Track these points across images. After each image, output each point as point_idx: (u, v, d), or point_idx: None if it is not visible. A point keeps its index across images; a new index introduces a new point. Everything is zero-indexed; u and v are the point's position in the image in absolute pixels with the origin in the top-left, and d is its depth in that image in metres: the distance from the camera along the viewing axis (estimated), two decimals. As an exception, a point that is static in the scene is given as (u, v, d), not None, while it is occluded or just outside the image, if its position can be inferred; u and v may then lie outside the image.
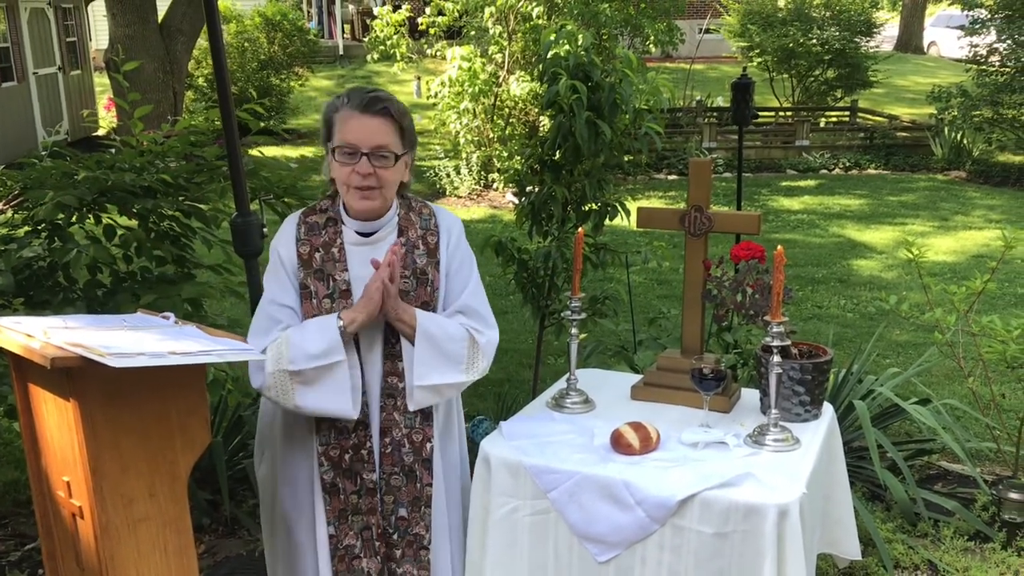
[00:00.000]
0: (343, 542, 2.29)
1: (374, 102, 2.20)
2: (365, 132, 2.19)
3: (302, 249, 2.27)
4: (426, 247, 2.32)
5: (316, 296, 2.25)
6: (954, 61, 19.54)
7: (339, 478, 2.27)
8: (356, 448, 2.26)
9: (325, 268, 2.26)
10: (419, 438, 2.29)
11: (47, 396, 1.96)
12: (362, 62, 17.97)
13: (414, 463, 2.28)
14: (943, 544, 3.43)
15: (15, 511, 3.80)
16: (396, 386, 2.26)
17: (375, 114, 2.20)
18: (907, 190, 11.29)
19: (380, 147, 2.19)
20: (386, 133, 2.20)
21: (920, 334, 5.88)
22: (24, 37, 12.95)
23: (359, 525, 2.29)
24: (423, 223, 2.34)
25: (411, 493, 2.29)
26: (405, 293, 2.26)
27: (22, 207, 3.28)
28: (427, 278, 2.30)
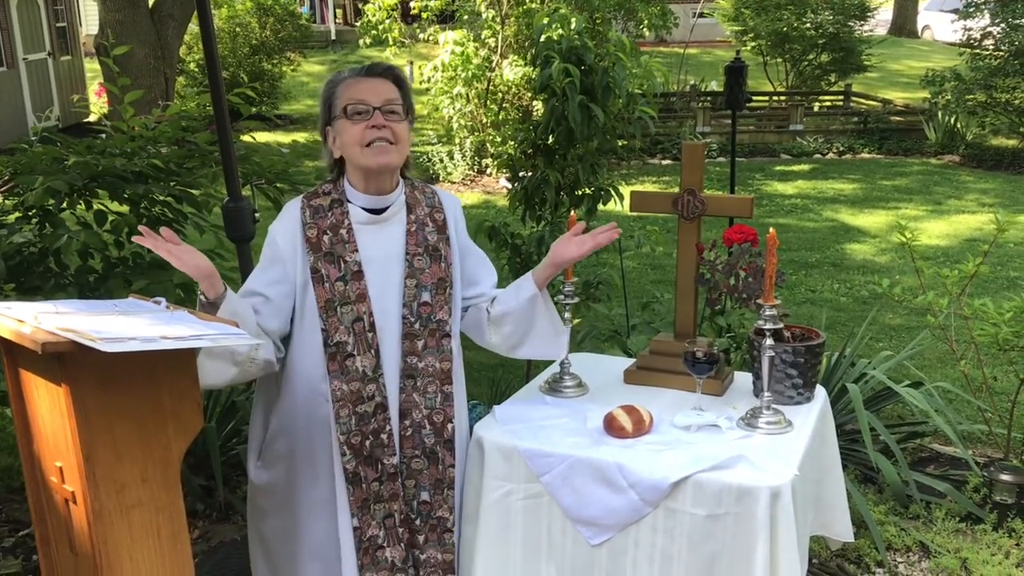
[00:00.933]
0: (367, 533, 2.25)
1: (377, 65, 2.26)
2: (373, 90, 2.21)
3: (309, 233, 2.24)
4: (435, 224, 2.32)
5: (328, 279, 2.22)
6: (948, 45, 19.52)
7: (361, 466, 2.22)
8: (376, 433, 2.22)
9: (335, 250, 2.23)
10: (440, 419, 2.26)
11: (39, 382, 1.95)
12: (354, 47, 17.89)
13: (435, 444, 2.26)
14: (935, 526, 3.45)
15: (8, 497, 3.80)
16: (416, 366, 2.25)
17: (380, 75, 2.24)
18: (901, 174, 11.30)
19: (389, 101, 2.21)
20: (392, 91, 2.24)
21: (913, 317, 5.90)
22: (14, 22, 12.86)
23: (381, 513, 2.25)
24: (428, 201, 2.35)
25: (433, 476, 2.27)
26: (420, 271, 2.26)
27: (12, 193, 3.27)
28: (440, 254, 2.30)
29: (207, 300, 2.12)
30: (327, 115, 2.27)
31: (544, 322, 2.38)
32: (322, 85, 2.31)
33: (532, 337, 2.40)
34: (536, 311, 2.35)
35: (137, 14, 10.07)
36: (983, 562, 3.21)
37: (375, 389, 2.22)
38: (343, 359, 2.21)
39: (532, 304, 2.33)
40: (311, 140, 13.80)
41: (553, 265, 2.34)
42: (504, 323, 2.37)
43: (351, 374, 2.21)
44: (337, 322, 2.20)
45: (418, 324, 2.25)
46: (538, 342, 2.41)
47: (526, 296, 2.33)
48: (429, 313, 2.26)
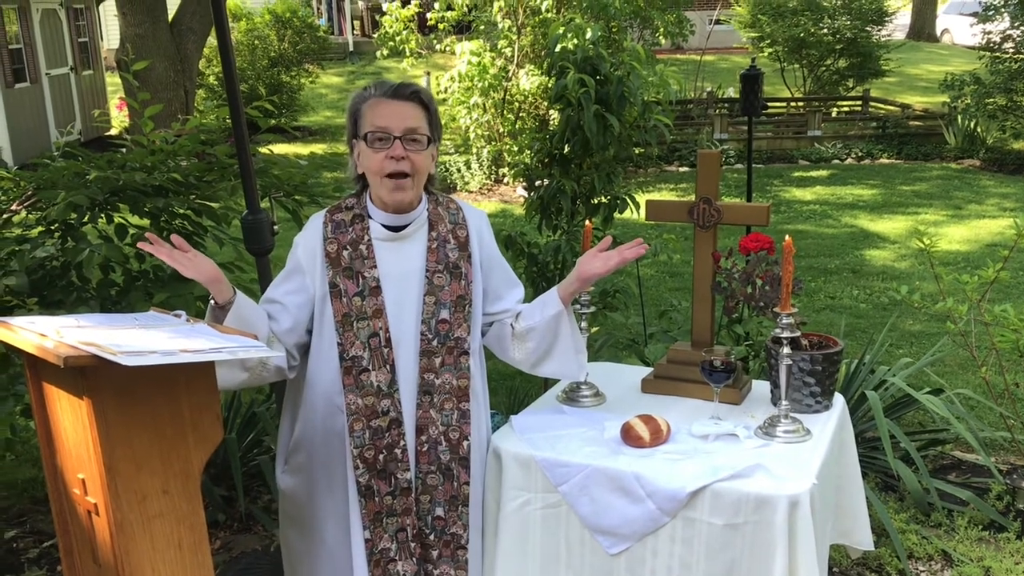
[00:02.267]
0: (378, 546, 2.26)
1: (403, 87, 2.23)
2: (396, 115, 2.19)
3: (330, 247, 2.26)
4: (457, 241, 2.31)
5: (346, 294, 2.24)
6: (967, 48, 19.41)
7: (374, 479, 2.24)
8: (390, 448, 2.24)
9: (354, 265, 2.25)
10: (456, 436, 2.27)
11: (61, 395, 1.98)
12: (372, 58, 18.00)
13: (451, 461, 2.26)
14: (957, 534, 3.43)
15: (33, 508, 3.84)
16: (433, 383, 2.25)
17: (405, 99, 2.21)
18: (920, 179, 11.23)
19: (412, 130, 2.20)
20: (417, 117, 2.21)
21: (933, 324, 5.86)
22: (36, 38, 13.03)
23: (394, 527, 2.26)
24: (451, 217, 2.34)
25: (448, 492, 2.27)
26: (440, 288, 2.27)
27: (35, 207, 3.31)
28: (460, 271, 2.30)
29: (217, 305, 2.16)
30: (352, 130, 2.28)
31: (567, 340, 2.36)
32: (350, 97, 2.31)
33: (555, 354, 2.38)
34: (560, 329, 2.34)
35: (157, 28, 10.19)
36: (1007, 571, 3.18)
37: (390, 404, 2.23)
38: (358, 373, 2.23)
39: (557, 321, 2.32)
40: (329, 152, 13.91)
41: (580, 280, 2.32)
42: (528, 339, 2.36)
43: (365, 388, 2.22)
44: (353, 337, 2.22)
45: (436, 341, 2.26)
46: (560, 359, 2.39)
47: (551, 313, 2.32)
48: (447, 330, 2.26)
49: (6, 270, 2.99)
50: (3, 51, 11.98)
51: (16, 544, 3.57)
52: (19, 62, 12.53)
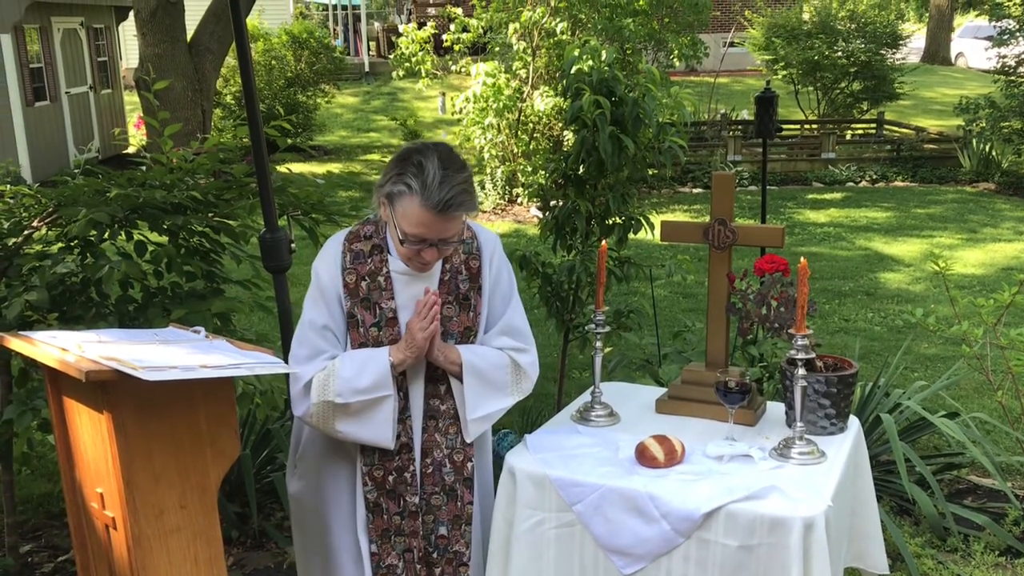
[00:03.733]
0: (385, 561, 2.31)
1: (450, 205, 2.13)
2: (436, 229, 2.17)
3: (348, 278, 2.28)
4: (468, 272, 2.33)
5: (363, 325, 2.27)
6: (982, 72, 19.40)
7: (383, 498, 2.30)
8: (400, 471, 2.29)
9: (372, 297, 2.27)
10: (460, 458, 2.32)
11: (81, 409, 2.00)
12: (387, 79, 18.12)
13: (455, 483, 2.32)
14: (973, 559, 3.40)
15: (48, 523, 3.86)
16: (438, 408, 2.30)
17: (451, 215, 2.16)
18: (935, 202, 11.20)
19: (448, 238, 2.20)
20: (456, 226, 2.21)
21: (948, 347, 5.83)
22: (57, 57, 13.19)
23: (401, 547, 2.31)
24: (465, 248, 2.34)
25: (452, 512, 2.32)
26: (448, 319, 2.30)
27: (56, 224, 3.35)
28: (469, 303, 2.33)
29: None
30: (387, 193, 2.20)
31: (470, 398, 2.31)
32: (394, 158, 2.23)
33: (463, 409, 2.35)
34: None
35: (176, 48, 10.29)
36: (1023, 597, 3.15)
37: (401, 429, 2.28)
38: None
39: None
40: (345, 171, 13.96)
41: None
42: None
43: None
44: None
45: (440, 370, 2.30)
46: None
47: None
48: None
49: (27, 285, 3.03)
50: (24, 70, 12.13)
51: (31, 558, 3.58)
52: (39, 81, 12.68)
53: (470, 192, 2.19)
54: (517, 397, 2.38)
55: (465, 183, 2.18)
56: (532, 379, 2.41)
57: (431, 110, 17.31)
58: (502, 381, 2.33)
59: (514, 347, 2.37)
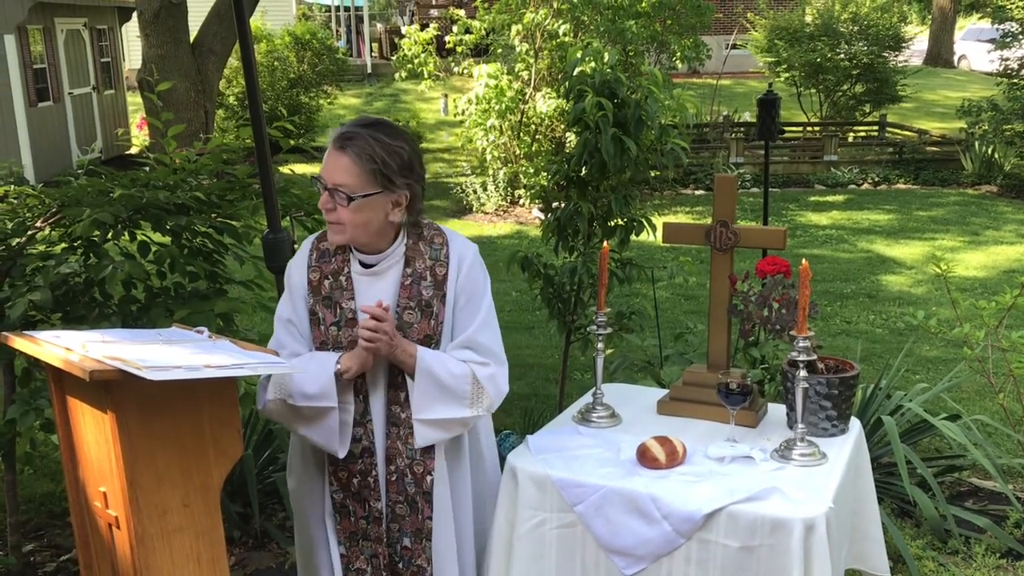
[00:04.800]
0: (354, 564, 2.32)
1: (341, 138, 2.17)
2: (329, 167, 2.18)
3: (312, 276, 2.30)
4: (433, 279, 2.27)
5: (324, 323, 2.27)
6: (985, 75, 19.39)
7: (349, 500, 2.29)
8: (363, 474, 2.27)
9: (333, 296, 2.27)
10: (420, 470, 2.26)
11: (85, 408, 2.01)
12: (390, 80, 18.14)
13: (415, 494, 2.27)
14: (974, 561, 3.40)
15: (50, 522, 3.87)
16: (399, 416, 2.26)
17: (341, 151, 2.16)
18: (937, 205, 11.20)
19: (338, 185, 2.16)
20: (347, 172, 2.16)
21: (950, 350, 5.83)
22: (60, 58, 13.22)
23: (368, 552, 2.31)
24: (433, 253, 2.29)
25: (414, 524, 2.28)
26: (408, 325, 2.24)
27: (59, 224, 3.36)
28: (432, 311, 2.26)
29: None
30: None
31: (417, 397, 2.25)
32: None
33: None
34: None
35: (179, 49, 10.31)
36: (1024, 599, 3.16)
37: (362, 432, 2.26)
38: None
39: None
40: (347, 172, 13.97)
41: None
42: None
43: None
44: None
45: (401, 377, 2.25)
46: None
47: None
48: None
49: (31, 286, 3.04)
50: (27, 71, 12.16)
51: (33, 558, 3.59)
52: (43, 81, 12.71)
53: (377, 147, 2.15)
54: (477, 411, 2.26)
55: (376, 138, 2.15)
56: (491, 395, 2.28)
57: (433, 111, 17.32)
58: (460, 390, 2.23)
59: (474, 361, 2.27)
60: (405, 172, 2.20)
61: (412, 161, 2.22)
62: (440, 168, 13.87)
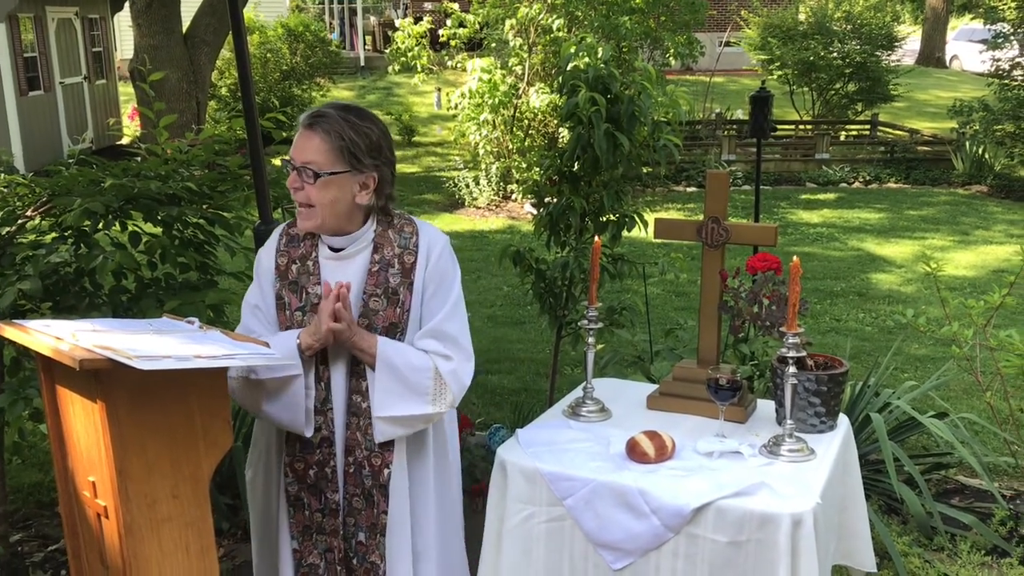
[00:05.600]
0: (307, 559, 2.29)
1: (310, 116, 2.19)
2: (298, 146, 2.19)
3: (280, 260, 2.30)
4: (401, 266, 2.26)
5: (289, 308, 2.27)
6: (976, 75, 19.46)
7: (304, 493, 2.27)
8: (320, 465, 2.25)
9: (299, 281, 2.27)
10: (378, 462, 2.24)
11: (74, 398, 2.00)
12: (383, 73, 18.11)
13: (372, 488, 2.24)
14: (960, 558, 3.42)
15: (38, 512, 3.86)
16: (360, 406, 2.23)
17: (310, 129, 2.18)
18: (927, 204, 11.25)
19: (306, 163, 2.17)
20: (315, 150, 2.16)
21: (939, 348, 5.86)
22: (51, 47, 13.15)
23: (322, 546, 2.28)
24: (402, 241, 2.28)
25: (369, 518, 2.26)
26: (374, 312, 2.23)
27: (49, 214, 3.34)
28: (398, 298, 2.25)
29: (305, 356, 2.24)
30: None
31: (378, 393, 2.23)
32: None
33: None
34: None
35: (171, 40, 10.27)
36: (1009, 596, 3.18)
37: (322, 421, 2.24)
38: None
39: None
40: (339, 164, 13.96)
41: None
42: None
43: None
44: None
45: (363, 366, 2.23)
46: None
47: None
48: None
49: (20, 274, 3.02)
50: (18, 59, 12.09)
51: (21, 548, 3.58)
52: (33, 70, 12.64)
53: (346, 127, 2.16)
54: (439, 408, 2.23)
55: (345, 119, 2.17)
56: (454, 391, 2.25)
57: (427, 105, 17.30)
58: (422, 386, 2.21)
59: (438, 352, 2.25)
60: (373, 153, 2.21)
61: (381, 143, 2.23)
62: (433, 162, 13.87)
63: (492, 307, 7.06)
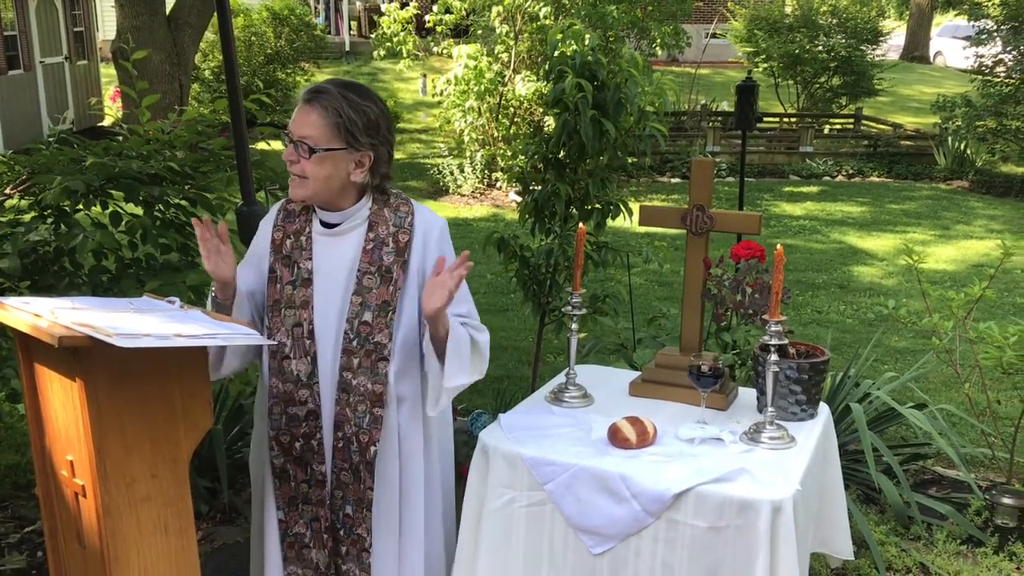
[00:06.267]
0: (292, 529, 2.32)
1: (311, 92, 2.20)
2: (297, 120, 2.20)
3: (276, 235, 2.33)
4: (395, 245, 2.27)
5: (280, 281, 2.29)
6: (960, 71, 19.57)
7: (289, 464, 2.29)
8: (307, 438, 2.27)
9: (292, 255, 2.29)
10: (365, 439, 2.25)
11: (53, 376, 1.99)
12: (368, 59, 18.00)
13: (359, 463, 2.26)
14: (936, 547, 3.46)
15: (14, 494, 3.83)
16: (349, 382, 2.24)
17: (309, 104, 2.19)
18: (909, 198, 11.32)
19: (303, 137, 2.18)
20: (312, 125, 2.18)
21: (919, 340, 5.90)
22: (32, 26, 12.98)
23: (308, 515, 2.30)
24: (397, 220, 2.29)
25: (356, 493, 2.27)
26: (367, 290, 2.24)
27: (29, 193, 3.31)
28: (391, 276, 2.25)
29: (217, 300, 2.28)
30: None
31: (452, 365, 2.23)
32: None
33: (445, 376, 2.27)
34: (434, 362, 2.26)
35: (154, 21, 10.16)
36: (983, 585, 3.21)
37: (308, 395, 2.26)
38: (281, 359, 2.27)
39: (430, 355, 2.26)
40: (323, 150, 13.91)
41: (428, 319, 2.21)
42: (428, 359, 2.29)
43: (286, 375, 2.27)
44: (280, 323, 2.27)
45: (356, 342, 2.24)
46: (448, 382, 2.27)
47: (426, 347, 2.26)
48: (368, 333, 2.24)
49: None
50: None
51: (-3, 529, 3.56)
52: (13, 49, 12.48)
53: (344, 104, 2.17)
54: (475, 377, 2.29)
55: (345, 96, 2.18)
56: (486, 361, 2.32)
57: (412, 91, 17.23)
58: (467, 357, 2.25)
59: (471, 326, 2.29)
60: (370, 132, 2.21)
61: (379, 122, 2.23)
62: (417, 149, 13.82)
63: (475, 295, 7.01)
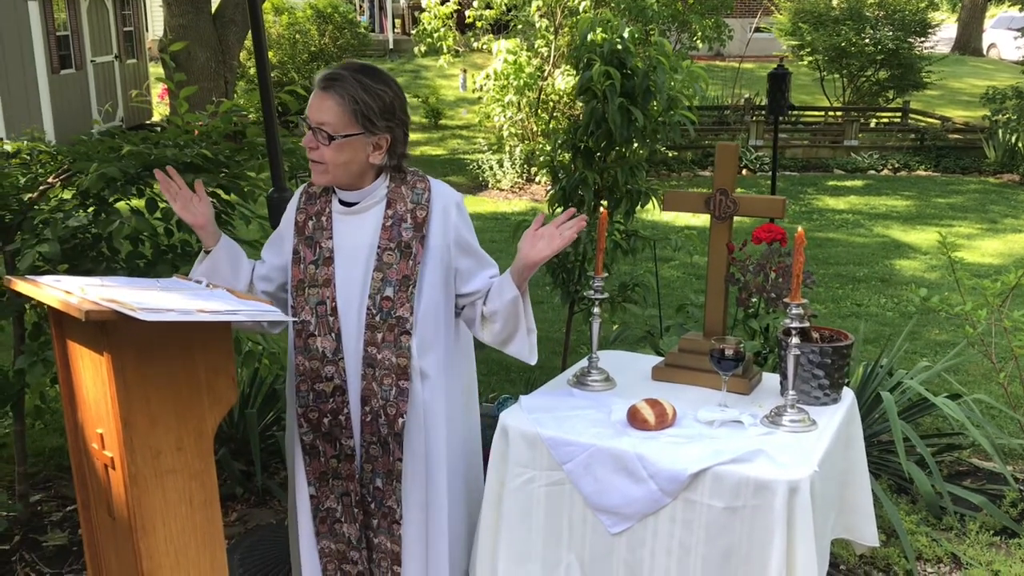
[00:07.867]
0: (324, 504, 2.37)
1: (326, 79, 2.23)
2: (314, 107, 2.24)
3: (299, 217, 2.39)
4: (414, 221, 2.31)
5: (303, 261, 2.35)
6: (1014, 64, 19.14)
7: (318, 440, 2.34)
8: (334, 413, 2.32)
9: (314, 235, 2.35)
10: (393, 412, 2.29)
11: (83, 351, 2.05)
12: (411, 56, 18.13)
13: (388, 436, 2.30)
14: (968, 538, 3.41)
15: (59, 475, 3.95)
16: (374, 357, 2.28)
17: (325, 91, 2.22)
18: (956, 192, 11.11)
19: (320, 124, 2.22)
20: (330, 111, 2.21)
21: (959, 333, 5.81)
22: (84, 26, 13.29)
23: (339, 490, 2.36)
24: (415, 197, 2.33)
25: (386, 465, 2.32)
26: (388, 266, 2.29)
27: (71, 182, 3.40)
28: (411, 251, 2.30)
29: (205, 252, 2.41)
30: None
31: (523, 323, 2.35)
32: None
33: (516, 336, 2.37)
34: (519, 312, 2.33)
35: (200, 19, 10.36)
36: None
37: (334, 371, 2.31)
38: (306, 337, 2.33)
39: (515, 305, 2.32)
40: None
41: (528, 266, 2.28)
42: (494, 321, 2.36)
43: (312, 352, 2.32)
44: (304, 302, 2.33)
45: (379, 317, 2.29)
46: (519, 341, 2.38)
47: (509, 297, 2.31)
48: (390, 308, 2.29)
49: (40, 238, 3.09)
50: (50, 38, 12.23)
51: (40, 507, 3.67)
52: (65, 49, 12.79)
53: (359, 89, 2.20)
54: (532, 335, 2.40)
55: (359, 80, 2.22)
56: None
57: (453, 88, 17.31)
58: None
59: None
60: (387, 115, 2.25)
61: (394, 105, 2.27)
62: (458, 144, 13.88)
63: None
